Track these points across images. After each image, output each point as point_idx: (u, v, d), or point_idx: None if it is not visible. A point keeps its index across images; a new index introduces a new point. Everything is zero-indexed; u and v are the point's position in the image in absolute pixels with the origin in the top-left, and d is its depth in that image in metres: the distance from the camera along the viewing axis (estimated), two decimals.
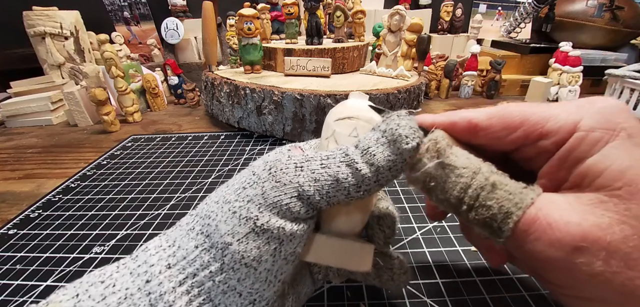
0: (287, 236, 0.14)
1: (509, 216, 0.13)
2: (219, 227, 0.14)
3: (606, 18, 0.76)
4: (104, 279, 0.14)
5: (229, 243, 0.14)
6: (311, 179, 0.14)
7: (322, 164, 0.15)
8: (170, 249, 0.15)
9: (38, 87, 0.73)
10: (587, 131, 0.13)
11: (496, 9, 1.20)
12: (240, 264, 0.14)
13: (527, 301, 0.22)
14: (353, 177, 0.14)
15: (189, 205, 0.34)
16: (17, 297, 0.24)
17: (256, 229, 0.14)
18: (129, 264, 0.15)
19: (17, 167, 0.48)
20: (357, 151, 0.15)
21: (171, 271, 0.14)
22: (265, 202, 0.14)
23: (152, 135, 0.57)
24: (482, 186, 0.13)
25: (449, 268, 0.25)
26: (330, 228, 0.17)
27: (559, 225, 0.12)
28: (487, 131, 0.16)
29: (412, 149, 0.14)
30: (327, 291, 0.23)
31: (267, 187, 0.14)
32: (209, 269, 0.14)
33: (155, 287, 0.13)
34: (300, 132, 0.48)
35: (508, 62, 0.78)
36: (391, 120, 0.15)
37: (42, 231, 0.31)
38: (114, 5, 1.05)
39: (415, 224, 0.30)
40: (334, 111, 0.18)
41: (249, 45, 0.56)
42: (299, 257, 0.16)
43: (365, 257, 0.17)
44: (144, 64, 0.92)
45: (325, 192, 0.14)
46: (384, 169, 0.14)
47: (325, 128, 0.18)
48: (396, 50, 0.60)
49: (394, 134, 0.14)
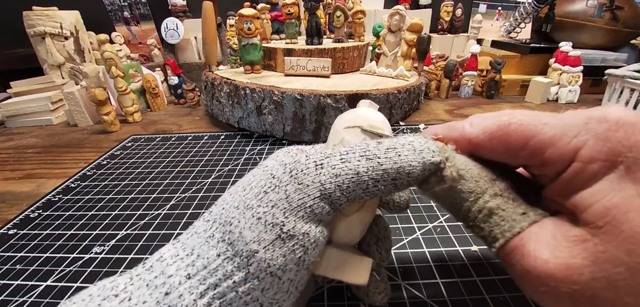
0: (312, 243, 0.14)
1: (495, 240, 0.14)
2: (244, 235, 0.13)
3: (606, 18, 0.76)
4: (117, 292, 0.13)
5: (255, 251, 0.13)
6: (332, 176, 0.14)
7: (342, 159, 0.14)
8: (188, 258, 0.14)
9: (38, 87, 0.73)
10: (585, 163, 0.12)
11: (496, 9, 1.20)
12: (266, 273, 0.13)
13: (527, 301, 0.22)
14: (374, 171, 0.14)
15: (189, 205, 0.34)
16: (17, 297, 0.24)
17: (283, 235, 0.14)
18: (144, 275, 0.14)
19: (17, 167, 0.48)
20: (381, 146, 0.15)
21: (191, 282, 0.13)
22: (290, 206, 0.14)
23: (152, 135, 0.57)
24: (479, 209, 0.15)
25: (449, 268, 0.25)
26: (331, 238, 0.17)
27: (529, 259, 0.13)
28: (488, 151, 0.15)
29: (435, 163, 0.14)
30: (327, 291, 0.23)
31: (290, 190, 0.14)
32: (232, 279, 0.13)
33: (176, 300, 0.13)
34: (300, 132, 0.48)
35: (508, 62, 0.78)
36: (418, 135, 0.15)
37: (42, 231, 0.31)
38: (114, 5, 1.05)
39: (415, 224, 0.30)
40: (343, 118, 0.18)
41: (249, 45, 0.56)
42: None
43: (363, 271, 0.17)
44: (144, 64, 0.92)
45: (345, 188, 0.14)
46: (404, 171, 0.14)
47: (333, 135, 0.18)
48: (396, 50, 0.60)
49: (422, 145, 0.15)
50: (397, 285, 0.23)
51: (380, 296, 0.19)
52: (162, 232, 0.30)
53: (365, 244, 0.19)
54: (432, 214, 0.31)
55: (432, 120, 0.58)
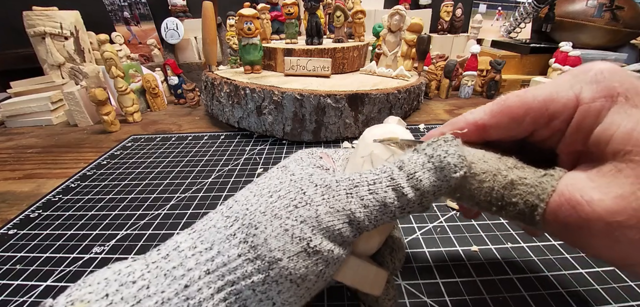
0: (334, 259, 0.15)
1: (534, 209, 0.14)
2: (268, 242, 0.14)
3: (606, 18, 0.76)
4: (135, 278, 0.13)
5: (278, 259, 0.14)
6: (361, 206, 0.15)
7: (369, 190, 0.15)
8: (208, 253, 0.14)
9: (38, 87, 0.73)
10: (589, 103, 0.13)
11: (496, 9, 1.20)
12: (286, 280, 0.14)
13: (527, 301, 0.22)
14: (399, 201, 0.15)
15: (189, 205, 0.34)
16: (17, 297, 0.24)
17: (309, 249, 0.14)
18: (162, 264, 0.14)
19: (17, 167, 0.48)
20: (402, 174, 0.15)
21: (211, 277, 0.14)
22: (319, 225, 0.14)
23: (152, 135, 0.57)
24: (503, 185, 0.14)
25: (449, 268, 0.25)
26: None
27: (584, 207, 0.12)
28: (496, 129, 0.16)
29: (459, 178, 0.14)
30: (327, 291, 0.23)
31: (321, 211, 0.15)
32: (251, 279, 0.14)
33: (195, 293, 0.13)
34: (300, 132, 0.48)
35: (508, 62, 0.78)
36: (438, 145, 0.15)
37: (42, 231, 0.31)
38: (114, 5, 1.05)
39: (415, 224, 0.30)
40: (372, 131, 0.18)
41: (249, 45, 0.56)
42: None
43: (379, 282, 0.18)
44: (144, 64, 0.92)
45: (373, 217, 0.15)
46: (429, 193, 0.15)
47: (363, 146, 0.18)
48: (396, 50, 0.60)
49: (442, 161, 0.14)
50: (397, 285, 0.23)
51: (390, 303, 0.19)
52: (162, 232, 0.30)
53: (379, 254, 0.19)
54: (432, 214, 0.31)
55: (432, 120, 0.58)
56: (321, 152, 0.18)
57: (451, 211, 0.32)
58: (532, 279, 0.23)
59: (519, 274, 0.24)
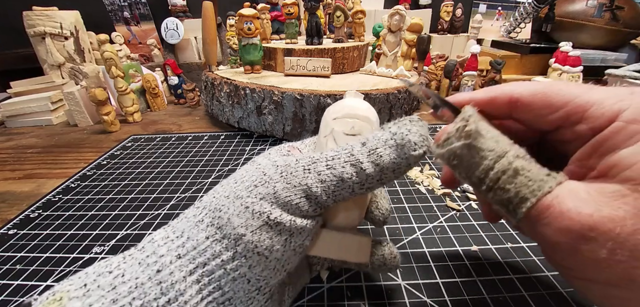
0: (298, 228, 0.15)
1: (523, 201, 0.14)
2: (232, 220, 0.15)
3: (606, 18, 0.76)
4: (111, 269, 0.14)
5: (242, 234, 0.14)
6: (318, 181, 0.15)
7: (327, 165, 0.15)
8: (178, 239, 0.15)
9: (38, 87, 0.73)
10: (627, 122, 0.13)
11: (496, 9, 1.20)
12: (253, 253, 0.14)
13: (527, 301, 0.22)
14: (357, 176, 0.15)
15: (189, 205, 0.34)
16: (17, 297, 0.24)
17: (269, 222, 0.15)
18: (136, 254, 0.15)
19: (17, 167, 0.48)
20: (364, 150, 0.15)
21: (181, 261, 0.14)
22: (277, 201, 0.15)
23: (152, 135, 0.57)
24: (504, 170, 0.14)
25: (449, 268, 0.25)
26: (331, 224, 0.18)
27: (570, 214, 0.13)
28: (528, 108, 0.16)
29: (419, 156, 0.15)
30: (327, 290, 0.23)
31: (278, 187, 0.15)
32: (220, 258, 0.14)
33: (167, 277, 0.14)
34: (300, 132, 0.48)
35: (508, 62, 0.78)
36: (402, 124, 0.15)
37: (42, 231, 0.31)
38: (114, 5, 1.05)
39: (415, 224, 0.30)
40: (331, 109, 0.19)
41: (249, 45, 0.56)
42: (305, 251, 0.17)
43: (363, 250, 0.19)
44: (144, 64, 0.92)
45: (331, 192, 0.15)
46: (388, 170, 0.15)
47: (324, 126, 0.19)
48: (396, 50, 0.60)
49: (404, 138, 0.15)
50: (397, 285, 0.23)
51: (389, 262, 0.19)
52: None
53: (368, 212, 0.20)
54: (432, 214, 0.31)
55: (432, 120, 0.58)
56: (289, 145, 0.19)
57: (451, 211, 0.32)
58: (532, 279, 0.23)
59: (519, 274, 0.24)
